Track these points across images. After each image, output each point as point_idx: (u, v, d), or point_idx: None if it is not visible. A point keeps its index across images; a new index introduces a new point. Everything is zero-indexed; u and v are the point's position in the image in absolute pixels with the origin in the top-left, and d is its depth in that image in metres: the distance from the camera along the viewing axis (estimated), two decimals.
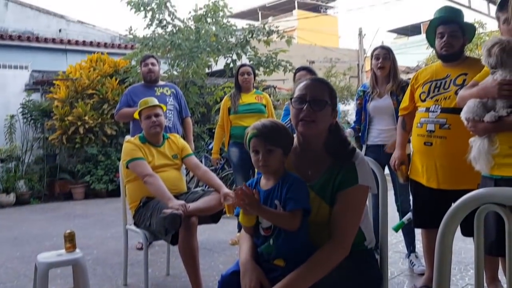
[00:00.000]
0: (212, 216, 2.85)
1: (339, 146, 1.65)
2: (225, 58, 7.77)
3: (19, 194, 7.57)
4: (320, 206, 1.59)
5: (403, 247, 3.55)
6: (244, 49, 7.61)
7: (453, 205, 1.06)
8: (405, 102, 2.80)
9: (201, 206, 2.71)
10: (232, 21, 8.22)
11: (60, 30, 12.84)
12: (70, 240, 2.51)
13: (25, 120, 8.23)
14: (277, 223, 1.56)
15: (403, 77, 3.47)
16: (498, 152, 1.90)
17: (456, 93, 2.36)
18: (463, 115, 2.06)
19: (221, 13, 7.80)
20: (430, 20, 2.61)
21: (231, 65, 7.67)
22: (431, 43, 2.65)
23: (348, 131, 3.51)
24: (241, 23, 9.03)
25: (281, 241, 1.56)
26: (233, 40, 7.72)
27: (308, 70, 3.74)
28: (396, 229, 3.09)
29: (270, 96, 4.76)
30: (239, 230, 4.03)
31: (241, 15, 24.85)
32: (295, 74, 3.81)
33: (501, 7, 2.17)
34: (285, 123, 3.12)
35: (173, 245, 2.70)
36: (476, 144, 2.00)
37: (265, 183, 1.67)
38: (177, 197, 2.77)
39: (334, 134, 1.68)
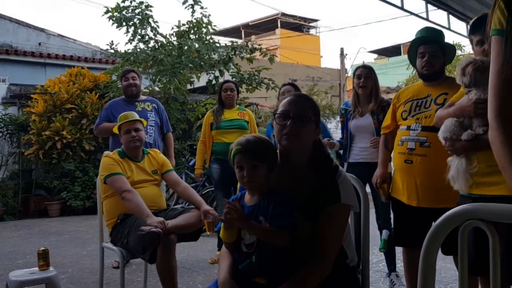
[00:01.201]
0: (192, 233, 2.79)
1: (322, 163, 1.64)
2: (207, 74, 7.76)
3: None
4: (302, 223, 1.56)
5: (384, 266, 3.54)
6: (226, 66, 7.63)
7: (437, 221, 1.05)
8: (387, 120, 2.82)
9: (180, 224, 2.65)
10: (215, 38, 8.26)
11: (39, 44, 12.73)
12: (44, 258, 2.44)
13: (0, 134, 8.03)
14: (266, 239, 1.53)
15: (384, 97, 3.51)
16: (476, 171, 1.91)
17: (436, 112, 2.38)
18: (440, 134, 2.08)
19: (204, 30, 7.83)
20: (412, 40, 2.65)
21: (214, 81, 7.67)
22: (413, 63, 2.69)
23: (335, 143, 3.52)
24: (224, 41, 9.09)
25: (264, 258, 1.53)
26: (215, 56, 7.73)
27: (293, 85, 3.81)
28: (383, 249, 3.09)
29: (252, 114, 4.76)
30: (219, 249, 3.97)
31: (224, 33, 25.01)
32: (280, 89, 3.86)
33: (474, 30, 2.24)
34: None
35: (151, 263, 2.64)
36: (454, 163, 2.01)
37: (249, 199, 1.64)
38: (156, 214, 2.71)
39: (317, 150, 1.66)
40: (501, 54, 0.99)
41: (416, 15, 6.36)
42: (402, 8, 5.87)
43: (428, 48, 2.54)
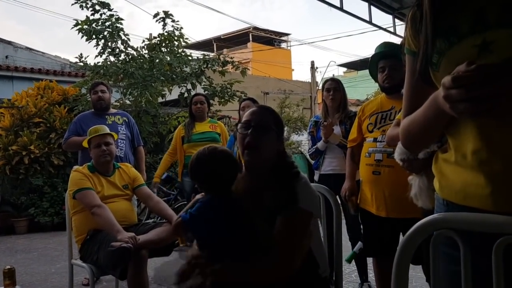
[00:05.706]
0: (164, 248, 2.76)
1: (284, 171, 1.65)
2: (179, 87, 7.74)
3: None
4: (264, 229, 1.56)
5: (356, 276, 3.58)
6: (199, 79, 7.63)
7: (409, 231, 1.05)
8: (353, 134, 2.88)
9: (152, 239, 2.62)
10: (187, 51, 8.25)
11: (6, 57, 12.44)
12: (10, 277, 2.36)
13: None
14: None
15: (354, 109, 3.61)
16: None
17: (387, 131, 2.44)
18: (397, 157, 2.07)
19: (176, 43, 7.82)
20: (371, 56, 2.73)
21: (186, 94, 7.64)
22: (374, 77, 2.77)
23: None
24: (196, 54, 9.10)
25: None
26: (187, 69, 7.72)
27: (252, 100, 3.94)
28: (349, 260, 3.12)
29: (225, 126, 4.78)
30: None
31: (196, 46, 25.00)
32: (240, 103, 3.98)
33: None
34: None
35: (122, 280, 2.59)
36: (416, 182, 2.01)
37: None
38: (127, 229, 2.66)
39: (280, 160, 1.69)
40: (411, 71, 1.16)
41: (385, 29, 6.56)
42: (370, 22, 6.04)
43: (388, 62, 2.62)
